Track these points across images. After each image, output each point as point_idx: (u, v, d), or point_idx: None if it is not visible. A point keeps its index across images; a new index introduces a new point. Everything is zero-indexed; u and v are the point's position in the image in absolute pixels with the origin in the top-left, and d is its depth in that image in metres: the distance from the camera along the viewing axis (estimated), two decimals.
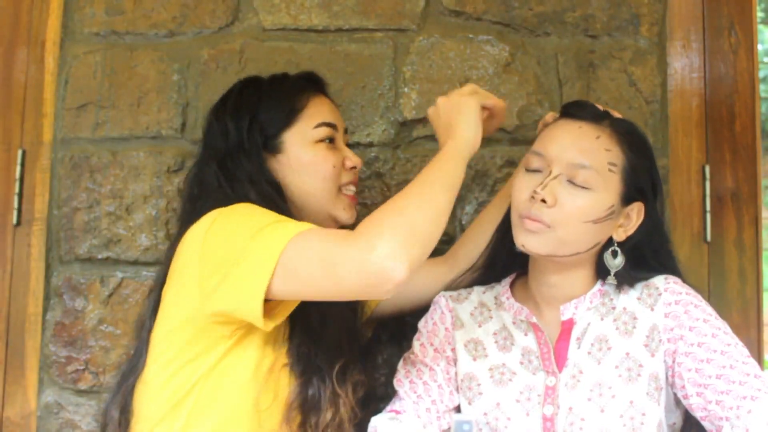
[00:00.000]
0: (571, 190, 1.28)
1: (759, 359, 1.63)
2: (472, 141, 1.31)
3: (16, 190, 1.77)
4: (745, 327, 1.67)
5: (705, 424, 1.27)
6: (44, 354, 1.74)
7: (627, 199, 1.32)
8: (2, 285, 1.76)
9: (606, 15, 1.77)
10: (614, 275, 1.33)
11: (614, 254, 1.34)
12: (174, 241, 1.37)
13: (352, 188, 1.51)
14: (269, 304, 1.21)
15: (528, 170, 1.34)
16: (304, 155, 1.44)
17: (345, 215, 1.48)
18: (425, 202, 1.21)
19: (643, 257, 1.37)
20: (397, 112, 1.75)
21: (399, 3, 1.77)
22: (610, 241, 1.34)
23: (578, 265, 1.35)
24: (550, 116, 1.43)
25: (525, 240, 1.30)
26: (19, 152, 1.78)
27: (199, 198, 1.40)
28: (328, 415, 1.32)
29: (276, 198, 1.40)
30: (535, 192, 1.28)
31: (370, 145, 1.75)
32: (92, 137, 1.78)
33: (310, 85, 1.52)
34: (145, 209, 1.75)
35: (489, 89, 1.73)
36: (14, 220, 1.77)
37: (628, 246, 1.35)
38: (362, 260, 1.13)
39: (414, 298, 1.52)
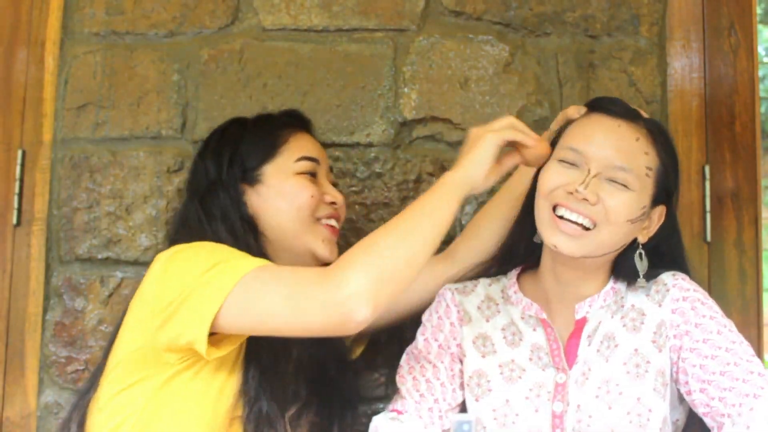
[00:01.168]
0: (611, 189, 1.27)
1: (759, 359, 1.63)
2: (472, 177, 1.26)
3: (16, 190, 1.77)
4: (745, 327, 1.67)
5: (707, 420, 1.27)
6: (44, 354, 1.74)
7: (655, 201, 1.32)
8: (2, 285, 1.76)
9: (606, 15, 1.77)
10: (644, 277, 1.33)
11: (641, 257, 1.33)
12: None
13: (333, 222, 1.49)
14: (216, 336, 1.20)
15: (562, 162, 1.31)
16: (285, 184, 1.44)
17: (323, 248, 1.44)
18: (403, 240, 1.19)
19: (661, 259, 1.37)
20: (397, 112, 1.75)
21: (399, 3, 1.77)
22: (631, 243, 1.34)
23: (600, 266, 1.35)
24: (573, 110, 1.40)
25: (559, 241, 1.27)
26: (19, 152, 1.78)
27: (179, 233, 1.42)
28: None
29: (247, 235, 1.40)
30: (576, 191, 1.26)
31: (370, 145, 1.75)
32: (92, 137, 1.78)
33: (294, 121, 1.53)
34: (145, 209, 1.75)
35: (489, 89, 1.74)
36: (14, 220, 1.77)
37: (648, 248, 1.35)
38: (327, 298, 1.13)
39: (411, 300, 1.49)
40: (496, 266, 1.47)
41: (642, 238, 1.33)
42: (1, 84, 1.81)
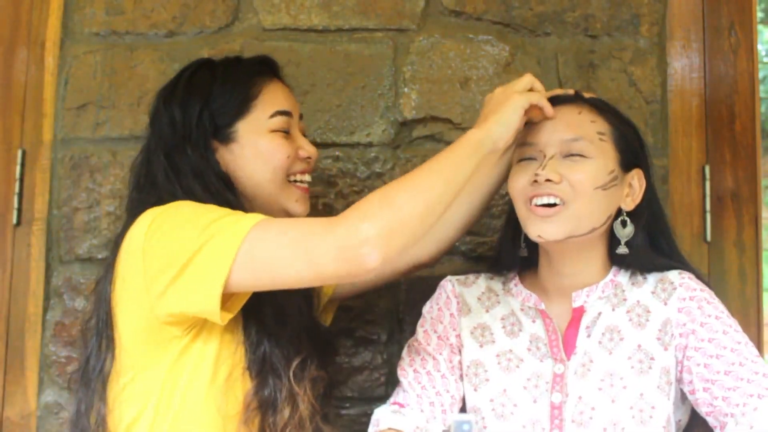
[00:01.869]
0: (570, 163, 1.31)
1: (761, 357, 1.64)
2: (495, 136, 1.26)
3: (16, 190, 1.77)
4: (745, 327, 1.65)
5: (709, 419, 1.28)
6: (44, 354, 1.74)
7: (625, 165, 1.34)
8: (2, 285, 1.76)
9: (606, 15, 1.77)
10: (626, 245, 1.34)
11: (623, 224, 1.35)
12: (120, 233, 1.32)
13: (307, 177, 1.45)
14: (224, 297, 1.18)
15: (521, 161, 1.35)
16: (260, 143, 1.38)
17: (296, 207, 1.42)
18: (418, 194, 1.18)
19: (654, 239, 1.38)
20: (397, 112, 1.75)
21: (399, 3, 1.77)
22: (619, 216, 1.35)
23: (591, 247, 1.36)
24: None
25: (540, 229, 1.30)
26: (19, 152, 1.78)
27: (144, 189, 1.37)
28: (286, 414, 1.29)
29: (224, 191, 1.35)
30: (536, 175, 1.29)
31: (370, 145, 1.75)
32: (92, 137, 1.78)
33: (265, 69, 1.45)
34: None
35: (489, 89, 1.74)
36: (14, 220, 1.77)
37: (639, 219, 1.36)
38: (341, 244, 1.13)
39: (376, 277, 1.49)
40: (488, 268, 1.49)
41: (627, 206, 1.35)
42: (1, 84, 1.81)
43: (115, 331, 1.29)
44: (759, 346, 1.68)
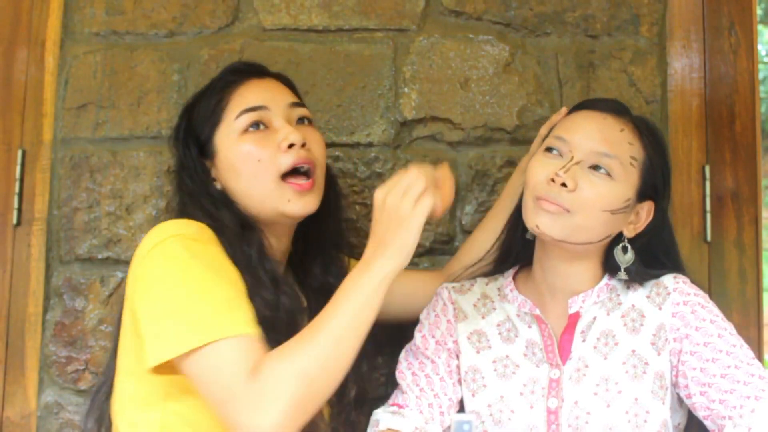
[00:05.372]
0: (592, 177, 1.29)
1: (759, 359, 1.63)
2: (398, 264, 1.16)
3: (16, 190, 1.77)
4: (745, 327, 1.67)
5: (707, 423, 1.28)
6: (44, 354, 1.74)
7: (641, 196, 1.33)
8: (2, 285, 1.76)
9: (606, 15, 1.77)
10: (625, 271, 1.33)
11: (624, 250, 1.34)
12: None
13: (304, 168, 1.33)
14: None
15: (547, 151, 1.33)
16: (231, 153, 1.34)
17: (293, 208, 1.33)
18: (337, 357, 1.12)
19: (655, 257, 1.38)
20: (397, 112, 1.75)
21: (399, 3, 1.77)
22: (618, 237, 1.35)
23: (586, 257, 1.36)
24: (558, 115, 1.45)
25: (540, 221, 1.29)
26: (19, 152, 1.78)
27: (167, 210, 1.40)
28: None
29: (221, 212, 1.32)
30: (556, 175, 1.27)
31: (370, 145, 1.75)
32: (92, 137, 1.78)
33: (238, 75, 1.40)
34: (145, 209, 1.75)
35: (489, 89, 1.74)
36: (14, 220, 1.77)
37: (639, 245, 1.35)
38: (248, 420, 1.08)
39: (403, 309, 1.49)
40: (493, 267, 1.49)
41: (628, 233, 1.34)
42: (1, 84, 1.81)
43: (119, 344, 1.30)
44: (759, 346, 1.68)
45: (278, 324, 1.24)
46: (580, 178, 1.28)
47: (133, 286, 1.24)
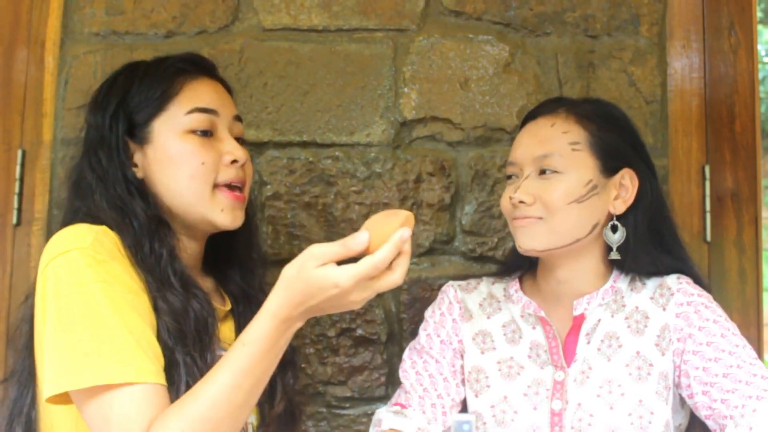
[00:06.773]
0: (542, 181, 1.32)
1: (759, 359, 1.64)
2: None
3: (16, 190, 1.77)
4: (745, 327, 1.67)
5: (709, 423, 1.28)
6: None
7: (608, 170, 1.33)
8: (2, 285, 1.76)
9: (606, 15, 1.77)
10: (618, 251, 1.33)
11: (614, 229, 1.34)
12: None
13: (238, 186, 1.29)
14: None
15: (508, 179, 1.39)
16: (171, 146, 1.25)
17: (222, 218, 1.27)
18: (237, 408, 1.06)
19: (654, 232, 1.37)
20: (397, 112, 1.75)
21: (399, 3, 1.77)
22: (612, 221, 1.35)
23: (585, 256, 1.36)
24: None
25: (520, 240, 1.34)
26: (19, 152, 1.78)
27: (71, 198, 1.29)
28: None
29: (134, 203, 1.23)
30: (511, 197, 1.33)
31: (370, 145, 1.75)
32: None
33: (191, 68, 1.33)
34: None
35: (489, 89, 1.74)
36: (14, 220, 1.77)
37: (633, 220, 1.35)
38: None
39: None
40: (500, 272, 1.51)
41: (617, 210, 1.34)
42: (1, 84, 1.81)
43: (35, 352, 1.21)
44: (759, 346, 1.68)
45: (187, 330, 1.18)
46: (535, 189, 1.31)
47: (40, 301, 1.15)
